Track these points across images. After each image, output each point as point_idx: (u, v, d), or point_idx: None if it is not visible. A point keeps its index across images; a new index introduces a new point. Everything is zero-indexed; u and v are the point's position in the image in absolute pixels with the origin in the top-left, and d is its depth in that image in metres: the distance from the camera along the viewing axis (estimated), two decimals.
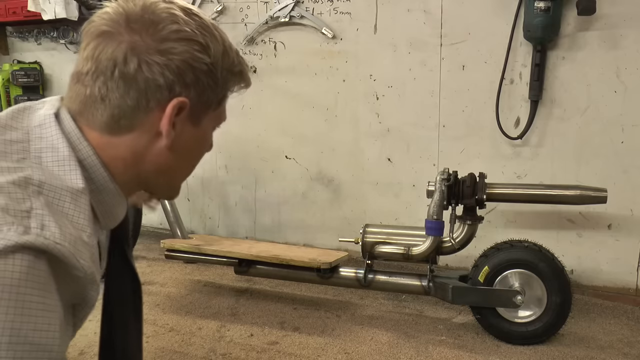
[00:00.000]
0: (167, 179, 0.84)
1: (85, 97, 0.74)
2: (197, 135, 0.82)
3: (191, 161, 0.86)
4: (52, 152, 0.72)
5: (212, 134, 0.86)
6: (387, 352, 1.95)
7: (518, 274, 1.99)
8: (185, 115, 0.77)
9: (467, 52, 2.43)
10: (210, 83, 0.78)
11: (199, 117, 0.80)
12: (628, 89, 2.23)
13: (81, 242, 0.67)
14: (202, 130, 0.82)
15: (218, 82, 0.79)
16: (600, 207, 2.23)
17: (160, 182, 0.84)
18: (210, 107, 0.81)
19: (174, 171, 0.84)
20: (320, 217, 2.85)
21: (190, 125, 0.80)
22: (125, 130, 0.76)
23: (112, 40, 0.72)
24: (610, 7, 2.18)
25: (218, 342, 2.02)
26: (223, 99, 0.83)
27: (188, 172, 0.88)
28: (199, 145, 0.85)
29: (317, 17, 2.66)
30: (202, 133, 0.83)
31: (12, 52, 3.59)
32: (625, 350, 1.96)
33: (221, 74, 0.79)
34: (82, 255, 0.66)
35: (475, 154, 2.49)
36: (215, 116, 0.84)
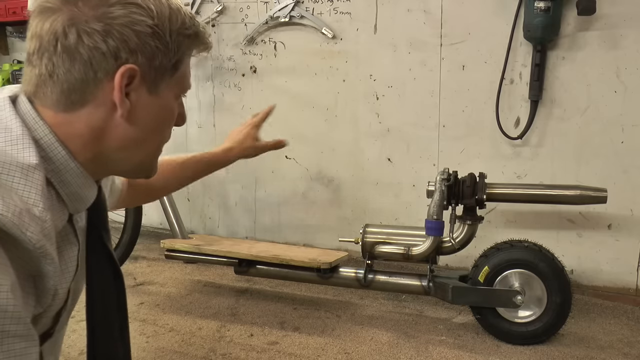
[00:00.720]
0: (132, 154, 0.80)
1: (36, 77, 0.73)
2: (156, 104, 0.79)
3: (156, 133, 0.82)
4: (4, 133, 0.71)
5: (177, 104, 0.83)
6: (387, 352, 1.95)
7: (518, 274, 1.99)
8: (138, 83, 0.75)
9: (467, 52, 2.43)
10: (158, 46, 0.75)
11: (156, 84, 0.77)
12: (628, 89, 2.23)
13: (29, 215, 0.65)
14: (163, 99, 0.79)
15: (168, 45, 0.76)
16: (600, 207, 2.23)
17: (124, 157, 0.80)
18: (166, 72, 0.78)
19: (139, 145, 0.80)
20: (320, 217, 2.85)
21: (147, 93, 0.77)
22: (78, 106, 0.73)
23: (50, 15, 0.71)
24: (610, 7, 2.18)
25: (218, 342, 2.02)
26: (178, 63, 0.79)
27: (155, 145, 0.84)
28: (162, 115, 0.81)
29: (317, 17, 2.66)
30: (163, 102, 0.79)
31: (12, 52, 3.59)
32: (625, 350, 1.96)
33: (171, 36, 0.76)
34: (28, 228, 0.64)
35: (475, 154, 2.49)
36: (175, 82, 0.80)
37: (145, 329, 2.10)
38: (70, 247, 0.81)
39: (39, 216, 0.67)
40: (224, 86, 2.95)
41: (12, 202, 0.64)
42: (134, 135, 0.78)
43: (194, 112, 3.06)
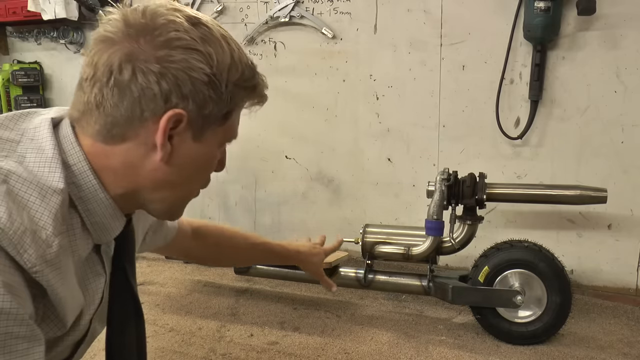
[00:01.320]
0: (164, 196, 0.79)
1: (84, 104, 0.73)
2: (199, 151, 0.77)
3: (193, 178, 0.81)
4: (37, 153, 0.71)
5: (219, 151, 0.82)
6: (387, 352, 1.95)
7: (518, 274, 1.99)
8: (183, 129, 0.74)
9: (467, 52, 2.43)
10: (212, 95, 0.73)
11: (201, 132, 0.76)
12: (628, 89, 2.23)
13: (32, 237, 0.64)
14: (206, 146, 0.77)
15: (222, 96, 0.74)
16: (600, 207, 2.23)
17: (156, 198, 0.79)
18: (214, 121, 0.76)
19: (173, 188, 0.79)
20: (320, 217, 2.85)
21: (191, 139, 0.76)
22: (118, 140, 0.73)
23: (110, 47, 0.70)
24: (610, 7, 2.18)
25: (218, 342, 2.02)
26: (229, 114, 0.78)
27: (190, 190, 0.83)
28: (202, 162, 0.79)
29: (317, 17, 2.66)
30: (206, 149, 0.78)
31: (12, 52, 3.58)
32: (625, 350, 1.96)
33: (226, 87, 0.74)
34: (26, 249, 0.63)
35: (475, 154, 2.49)
36: (222, 132, 0.79)
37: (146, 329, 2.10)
38: (96, 278, 0.80)
39: (44, 240, 0.65)
40: None
41: (20, 219, 0.63)
42: (170, 178, 0.77)
43: None
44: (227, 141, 0.82)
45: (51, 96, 3.53)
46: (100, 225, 0.76)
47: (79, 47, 3.34)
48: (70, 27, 3.26)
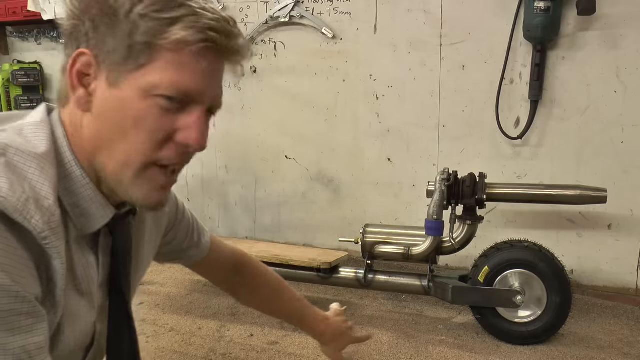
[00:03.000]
0: (106, 159, 0.69)
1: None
2: (117, 97, 0.67)
3: (127, 133, 0.68)
4: (34, 127, 0.69)
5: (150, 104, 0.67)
6: (387, 352, 1.95)
7: (518, 274, 1.99)
8: (95, 71, 0.68)
9: (467, 52, 2.43)
10: (108, 29, 0.65)
11: (114, 74, 0.67)
12: (628, 89, 2.23)
13: (36, 204, 0.62)
14: (124, 92, 0.67)
15: (120, 26, 0.65)
16: (600, 207, 2.23)
17: (102, 165, 0.70)
18: (124, 62, 0.66)
19: (110, 147, 0.69)
20: (320, 217, 2.85)
21: (105, 84, 0.68)
22: (64, 102, 0.72)
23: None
24: (610, 7, 2.18)
25: (218, 342, 2.02)
26: (143, 52, 0.66)
27: (130, 150, 0.68)
28: (127, 112, 0.67)
29: (317, 17, 2.66)
30: (124, 95, 0.67)
31: (12, 52, 3.59)
32: (625, 350, 1.96)
33: (125, 17, 0.65)
34: (33, 215, 0.61)
35: (475, 154, 2.49)
36: (143, 76, 0.66)
37: (145, 329, 2.10)
38: (87, 270, 0.75)
39: (47, 208, 0.64)
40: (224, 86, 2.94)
41: (21, 188, 0.62)
42: (102, 133, 0.69)
43: None
44: (157, 91, 0.67)
45: (51, 96, 3.53)
46: (80, 208, 0.71)
47: None
48: None
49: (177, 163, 0.72)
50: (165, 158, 0.70)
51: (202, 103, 0.71)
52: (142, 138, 0.68)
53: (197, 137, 0.70)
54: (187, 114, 0.70)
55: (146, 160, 0.69)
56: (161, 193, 0.73)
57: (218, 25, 0.68)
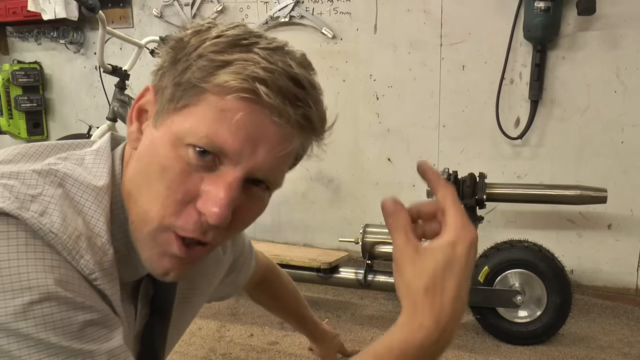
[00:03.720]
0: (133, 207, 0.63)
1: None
2: (152, 140, 0.61)
3: (149, 182, 0.60)
4: (94, 155, 0.64)
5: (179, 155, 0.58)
6: None
7: (518, 274, 1.99)
8: (151, 109, 0.63)
9: (467, 52, 2.43)
10: (169, 64, 0.60)
11: (159, 115, 0.61)
12: (628, 89, 2.23)
13: (88, 243, 0.57)
14: (159, 136, 0.60)
15: (177, 65, 0.59)
16: (600, 207, 2.23)
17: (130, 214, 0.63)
18: (168, 102, 0.60)
19: (137, 192, 0.62)
20: (320, 217, 2.85)
21: (152, 123, 0.62)
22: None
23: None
24: (610, 7, 2.18)
25: (218, 342, 2.02)
26: (184, 92, 0.58)
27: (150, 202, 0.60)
28: (153, 158, 0.60)
29: (317, 17, 2.66)
30: (158, 139, 0.60)
31: (12, 52, 3.58)
32: (625, 350, 1.96)
33: (187, 54, 0.59)
34: (83, 255, 0.56)
35: (475, 154, 2.49)
36: (179, 121, 0.59)
37: None
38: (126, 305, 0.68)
39: (100, 247, 0.58)
40: None
41: (74, 224, 0.56)
42: (134, 175, 0.63)
43: None
44: (188, 139, 0.58)
45: (51, 96, 3.53)
46: (120, 255, 0.63)
47: (79, 47, 3.34)
48: (70, 27, 3.26)
49: (194, 238, 0.60)
50: (180, 226, 0.60)
51: (237, 166, 0.58)
52: (162, 192, 0.59)
53: (215, 204, 0.57)
54: (217, 175, 0.58)
55: (161, 222, 0.60)
56: (172, 262, 0.62)
57: (269, 78, 0.57)
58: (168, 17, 3.01)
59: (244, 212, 0.62)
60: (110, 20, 3.04)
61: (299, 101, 0.60)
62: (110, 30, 2.53)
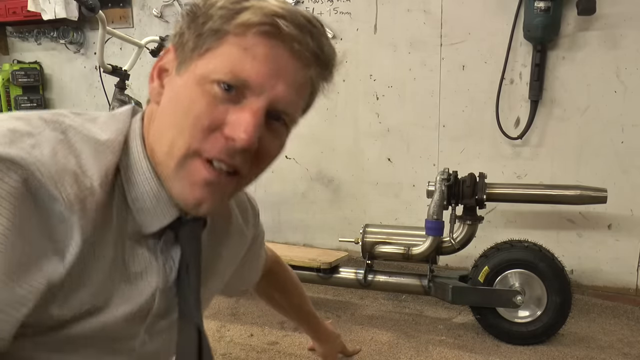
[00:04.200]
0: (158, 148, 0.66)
1: None
2: (177, 86, 0.65)
3: (174, 120, 0.64)
4: (108, 116, 0.67)
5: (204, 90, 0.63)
6: (387, 352, 1.95)
7: (518, 274, 1.99)
8: (171, 67, 0.67)
9: (467, 52, 2.43)
10: (189, 23, 0.65)
11: (182, 64, 0.66)
12: (628, 89, 2.23)
13: (75, 178, 0.57)
14: (184, 80, 0.65)
15: (197, 20, 0.64)
16: (600, 207, 2.23)
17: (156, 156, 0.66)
18: (191, 51, 0.64)
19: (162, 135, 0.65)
20: (320, 217, 2.85)
21: (175, 74, 0.66)
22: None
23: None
24: (610, 7, 2.18)
25: (218, 342, 2.02)
26: (207, 38, 0.63)
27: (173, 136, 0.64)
28: (179, 99, 0.64)
29: None
30: (183, 83, 0.64)
31: (12, 52, 3.59)
32: (625, 350, 1.96)
33: (204, 11, 0.64)
34: (65, 186, 0.56)
35: (475, 154, 2.49)
36: (203, 64, 0.63)
37: None
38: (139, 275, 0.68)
39: (89, 187, 0.58)
40: None
41: (65, 160, 0.57)
42: (159, 123, 0.66)
43: None
44: (214, 76, 0.62)
45: (51, 96, 3.53)
46: (140, 203, 0.65)
47: (79, 47, 3.34)
48: (70, 27, 3.26)
49: (222, 160, 0.63)
50: (208, 149, 0.63)
51: (261, 97, 0.63)
52: (188, 123, 0.62)
53: (243, 130, 0.61)
54: (241, 106, 0.63)
55: (189, 148, 0.63)
56: (203, 190, 0.64)
57: (287, 14, 0.63)
58: (168, 17, 3.01)
59: (267, 146, 0.66)
60: (110, 20, 3.04)
61: (313, 34, 0.65)
62: (110, 30, 2.53)
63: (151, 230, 0.68)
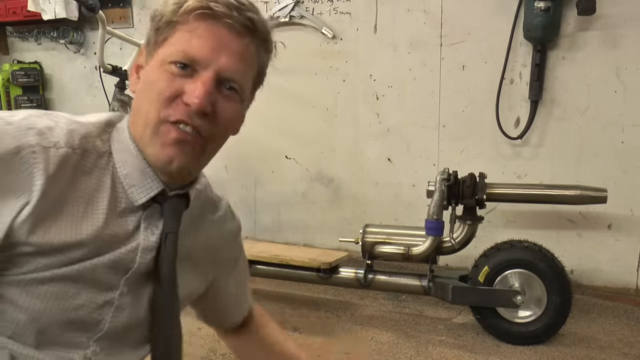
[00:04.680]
0: (136, 124, 0.79)
1: None
2: (145, 73, 0.80)
3: (145, 98, 0.79)
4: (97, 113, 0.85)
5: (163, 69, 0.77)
6: (387, 352, 1.95)
7: (518, 274, 1.99)
8: (144, 62, 0.81)
9: (467, 52, 2.43)
10: (152, 19, 0.80)
11: (149, 57, 0.80)
12: (628, 89, 2.23)
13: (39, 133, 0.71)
14: (149, 67, 0.79)
15: (155, 18, 0.79)
16: (600, 207, 2.23)
17: (136, 131, 0.79)
18: (154, 45, 0.79)
19: (138, 113, 0.79)
20: (320, 217, 2.85)
21: (146, 65, 0.81)
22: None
23: None
24: (610, 7, 2.18)
25: (218, 342, 2.02)
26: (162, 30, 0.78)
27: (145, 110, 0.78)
28: (147, 82, 0.79)
29: (317, 17, 2.66)
30: (149, 69, 0.79)
31: (12, 52, 3.59)
32: (625, 350, 1.96)
33: (159, 11, 0.79)
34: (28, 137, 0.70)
35: (475, 154, 2.49)
36: (162, 51, 0.78)
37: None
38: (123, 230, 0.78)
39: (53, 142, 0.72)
40: None
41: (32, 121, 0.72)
42: (136, 105, 0.81)
43: None
44: (170, 58, 0.77)
45: (51, 96, 3.53)
46: (130, 178, 0.79)
47: (79, 47, 3.34)
48: (70, 27, 3.26)
49: (184, 121, 0.76)
50: (172, 114, 0.76)
51: (208, 68, 0.76)
52: (155, 98, 0.76)
53: (195, 96, 0.75)
54: (194, 79, 0.76)
55: (158, 117, 0.76)
56: (173, 148, 0.77)
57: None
58: None
59: (222, 110, 0.79)
60: (110, 20, 3.04)
61: (242, 9, 0.78)
62: (110, 30, 2.53)
63: (140, 201, 0.80)
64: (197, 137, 0.77)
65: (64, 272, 0.74)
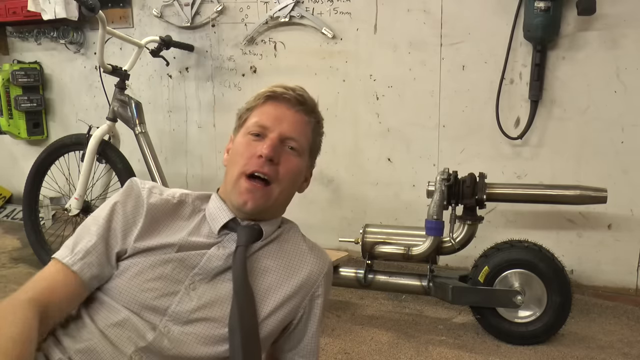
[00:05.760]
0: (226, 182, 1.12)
1: None
2: (233, 144, 1.15)
3: (234, 161, 1.10)
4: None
5: (248, 140, 1.09)
6: (387, 352, 1.95)
7: (518, 274, 1.99)
8: (232, 138, 1.17)
9: (467, 52, 2.43)
10: (238, 117, 1.18)
11: (235, 132, 1.16)
12: (628, 89, 2.23)
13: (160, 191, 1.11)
14: (236, 139, 1.13)
15: (240, 110, 1.18)
16: (600, 207, 2.23)
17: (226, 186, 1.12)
18: (238, 127, 1.16)
19: (228, 173, 1.11)
20: (320, 217, 2.85)
21: (234, 139, 1.16)
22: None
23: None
24: (610, 7, 2.18)
25: None
26: (245, 114, 1.15)
27: (235, 169, 1.08)
28: (235, 149, 1.11)
29: (317, 17, 2.66)
30: (236, 141, 1.13)
31: (12, 52, 3.59)
32: (625, 350, 1.96)
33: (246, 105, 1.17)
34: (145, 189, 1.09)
35: (475, 154, 2.49)
36: (244, 127, 1.13)
37: None
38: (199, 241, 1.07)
39: (165, 198, 1.10)
40: (224, 86, 2.95)
41: (165, 189, 1.13)
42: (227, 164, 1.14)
43: (194, 112, 3.06)
44: (248, 130, 1.10)
45: (51, 96, 3.53)
46: (211, 214, 1.11)
47: (79, 47, 3.34)
48: (70, 27, 3.26)
49: (257, 170, 1.05)
50: (249, 167, 1.06)
51: (274, 132, 1.08)
52: (237, 159, 1.09)
53: (265, 147, 1.05)
54: (265, 140, 1.08)
55: (239, 171, 1.07)
56: (246, 195, 1.06)
57: (280, 85, 1.14)
58: (168, 17, 3.01)
59: (285, 160, 1.10)
60: (110, 20, 3.04)
61: (295, 89, 1.16)
62: (110, 30, 2.53)
63: (217, 227, 1.09)
64: (265, 186, 1.07)
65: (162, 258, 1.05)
